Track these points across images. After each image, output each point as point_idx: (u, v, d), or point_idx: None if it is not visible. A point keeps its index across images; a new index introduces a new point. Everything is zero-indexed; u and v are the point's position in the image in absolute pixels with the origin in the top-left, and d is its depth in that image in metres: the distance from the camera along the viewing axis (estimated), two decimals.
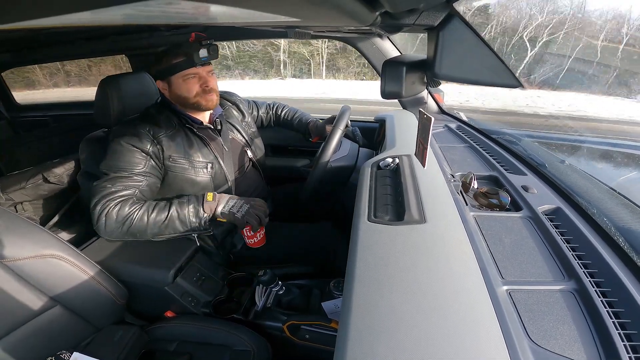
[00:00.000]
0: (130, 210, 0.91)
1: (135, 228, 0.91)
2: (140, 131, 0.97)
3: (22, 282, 0.75)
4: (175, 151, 1.01)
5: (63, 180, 1.30)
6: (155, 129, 0.99)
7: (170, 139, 1.01)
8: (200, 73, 1.01)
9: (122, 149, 0.95)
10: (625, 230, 0.58)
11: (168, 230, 0.94)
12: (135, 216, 0.91)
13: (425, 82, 0.85)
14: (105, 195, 0.91)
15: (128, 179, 0.94)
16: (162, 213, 0.93)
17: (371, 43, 1.35)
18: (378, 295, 0.44)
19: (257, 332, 0.91)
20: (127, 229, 0.90)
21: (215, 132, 1.13)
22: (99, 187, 0.92)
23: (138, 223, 0.91)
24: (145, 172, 0.96)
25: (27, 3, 0.16)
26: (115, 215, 0.89)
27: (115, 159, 0.95)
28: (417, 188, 0.70)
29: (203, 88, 1.02)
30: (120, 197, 0.92)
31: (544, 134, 1.88)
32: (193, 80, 1.00)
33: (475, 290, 0.44)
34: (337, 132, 1.06)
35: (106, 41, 1.56)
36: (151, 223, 0.92)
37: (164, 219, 0.93)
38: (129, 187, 0.93)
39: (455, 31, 0.59)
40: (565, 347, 0.39)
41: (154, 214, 0.92)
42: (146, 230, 0.92)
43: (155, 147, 0.98)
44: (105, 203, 0.90)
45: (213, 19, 0.35)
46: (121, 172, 0.94)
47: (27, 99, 2.79)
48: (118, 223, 0.89)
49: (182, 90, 1.01)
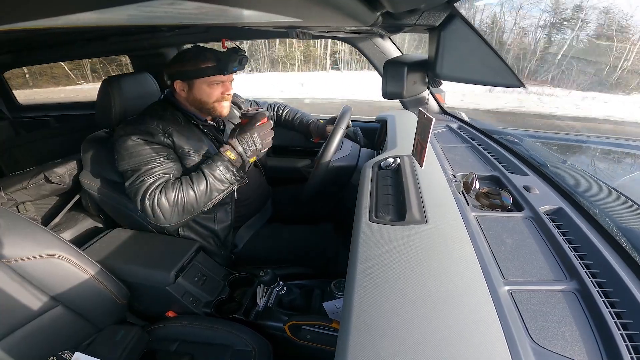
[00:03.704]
0: (174, 191, 0.94)
1: (189, 204, 0.94)
2: (149, 127, 0.97)
3: (24, 282, 0.75)
4: (186, 143, 1.01)
5: (65, 180, 1.31)
6: (163, 123, 1.00)
7: (179, 132, 1.01)
8: (226, 81, 1.02)
9: (138, 145, 0.95)
10: (627, 230, 0.57)
11: (214, 194, 0.98)
12: (183, 194, 0.94)
13: (426, 82, 0.85)
14: (147, 189, 0.93)
15: (158, 167, 0.95)
16: (201, 182, 0.96)
17: (372, 43, 1.35)
18: (379, 295, 0.44)
19: (259, 332, 0.91)
20: (182, 209, 0.94)
21: (219, 132, 1.13)
22: (135, 185, 0.94)
23: (188, 199, 0.94)
24: (169, 158, 0.98)
25: (29, 4, 0.17)
26: (166, 201, 0.92)
27: (137, 154, 0.95)
28: (419, 188, 0.70)
29: (224, 95, 1.03)
30: (161, 183, 0.94)
31: (545, 134, 1.88)
32: (217, 86, 1.01)
33: (476, 290, 0.44)
34: (338, 133, 1.06)
35: (108, 42, 1.56)
36: (199, 194, 0.95)
37: (206, 186, 0.96)
38: (163, 175, 0.95)
39: (457, 31, 0.59)
40: (567, 348, 0.39)
41: (196, 186, 0.95)
42: (197, 202, 0.95)
43: (168, 140, 0.99)
44: (150, 195, 0.92)
45: (215, 19, 0.35)
46: (149, 164, 0.95)
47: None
48: (172, 207, 0.93)
49: (203, 94, 1.02)
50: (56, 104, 2.43)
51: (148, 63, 1.66)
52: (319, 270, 1.17)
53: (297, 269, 1.17)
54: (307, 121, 1.39)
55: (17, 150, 1.92)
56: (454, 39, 0.60)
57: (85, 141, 1.19)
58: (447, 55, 0.62)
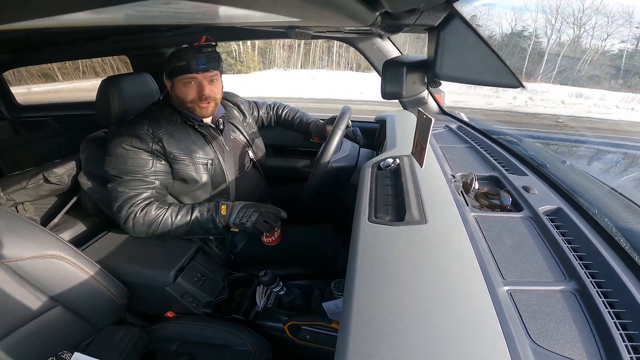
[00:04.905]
0: (156, 214, 0.97)
1: (160, 230, 0.98)
2: (139, 131, 0.97)
3: (23, 282, 0.75)
4: (176, 148, 1.01)
5: (64, 180, 1.30)
6: (154, 127, 0.99)
7: (171, 136, 1.01)
8: (199, 79, 1.01)
9: (126, 151, 0.96)
10: (627, 230, 0.57)
11: (189, 233, 1.01)
12: (161, 220, 0.98)
13: (425, 83, 0.85)
14: (127, 200, 0.96)
15: (141, 181, 0.97)
16: (185, 217, 0.99)
17: (372, 43, 1.35)
18: (379, 295, 0.44)
19: (258, 332, 0.91)
20: (153, 231, 0.98)
21: (217, 132, 1.13)
22: (117, 191, 0.97)
23: (163, 225, 0.98)
24: (154, 171, 0.99)
25: (28, 3, 0.16)
26: (142, 220, 0.97)
27: (123, 162, 0.96)
28: (418, 188, 0.70)
29: (199, 95, 1.01)
30: (143, 200, 0.97)
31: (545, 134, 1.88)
32: (191, 85, 1.01)
33: (476, 290, 0.44)
34: (337, 133, 1.06)
35: (107, 42, 1.56)
36: (175, 226, 0.98)
37: (186, 223, 0.99)
38: (146, 189, 0.98)
39: (456, 31, 0.59)
40: (566, 348, 0.39)
41: (178, 218, 0.99)
42: (170, 231, 0.99)
43: (157, 145, 0.99)
44: (129, 208, 0.96)
45: (213, 19, 0.35)
46: (132, 174, 0.96)
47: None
48: (145, 226, 0.98)
49: (180, 93, 1.02)
50: (56, 104, 2.43)
51: (147, 63, 1.66)
52: (318, 270, 1.17)
53: (297, 269, 1.17)
54: (306, 121, 1.39)
55: (17, 150, 1.92)
56: (453, 39, 0.60)
57: (85, 141, 1.19)
58: (447, 55, 0.62)
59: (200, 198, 1.09)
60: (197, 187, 1.06)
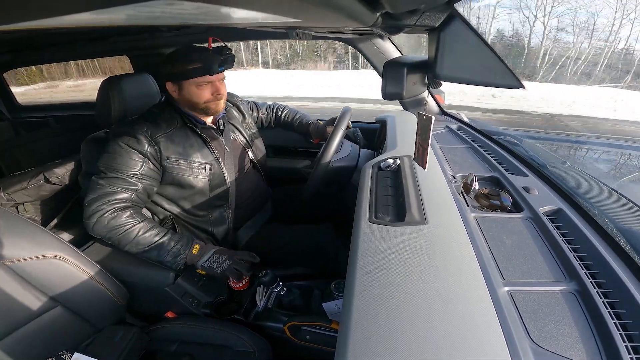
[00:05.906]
0: (124, 222, 0.93)
1: (118, 239, 0.93)
2: (137, 132, 0.96)
3: (23, 282, 0.75)
4: (174, 152, 1.01)
5: (64, 180, 1.30)
6: (154, 129, 0.99)
7: (169, 139, 1.00)
8: (214, 81, 1.01)
9: (120, 149, 0.95)
10: (627, 231, 0.57)
11: (143, 254, 0.95)
12: (126, 229, 0.93)
13: (426, 83, 0.85)
14: (102, 196, 0.93)
15: (124, 181, 0.95)
16: (151, 238, 0.95)
17: (372, 44, 1.35)
18: (379, 296, 0.44)
19: (258, 333, 0.91)
20: (110, 237, 0.93)
21: (218, 132, 1.13)
22: (95, 184, 0.94)
23: (124, 236, 0.93)
24: (141, 174, 0.97)
25: (29, 3, 0.16)
26: (107, 222, 0.92)
27: (112, 159, 0.95)
28: (418, 189, 0.70)
29: (215, 96, 1.02)
30: (117, 201, 0.93)
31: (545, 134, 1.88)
32: (206, 87, 1.00)
33: (476, 291, 0.44)
34: (338, 133, 1.06)
35: (108, 42, 1.56)
36: (135, 242, 0.93)
37: (148, 244, 0.94)
38: (125, 190, 0.95)
39: (457, 32, 0.59)
40: (566, 348, 0.39)
41: (144, 236, 0.94)
42: (126, 245, 0.94)
43: (152, 148, 0.98)
44: (101, 205, 0.92)
45: (215, 20, 0.35)
46: (117, 172, 0.94)
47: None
48: (106, 229, 0.92)
49: (192, 95, 1.01)
50: (56, 104, 2.43)
51: (148, 63, 1.66)
52: (318, 270, 1.17)
53: (297, 270, 1.17)
54: (306, 122, 1.39)
55: (18, 150, 1.92)
56: (454, 39, 0.60)
57: (85, 141, 1.19)
58: (447, 56, 0.62)
59: (198, 202, 1.09)
60: (193, 192, 1.06)
